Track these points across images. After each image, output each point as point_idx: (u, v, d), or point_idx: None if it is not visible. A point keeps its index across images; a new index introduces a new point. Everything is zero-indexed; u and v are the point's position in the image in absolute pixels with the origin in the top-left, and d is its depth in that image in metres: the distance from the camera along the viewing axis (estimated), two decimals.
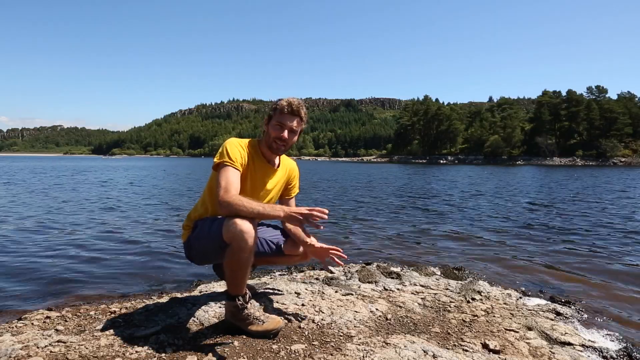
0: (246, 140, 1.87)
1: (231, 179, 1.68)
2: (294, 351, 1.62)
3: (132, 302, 2.28)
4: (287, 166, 2.05)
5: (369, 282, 2.69)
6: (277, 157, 1.97)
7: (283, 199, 2.10)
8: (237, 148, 1.79)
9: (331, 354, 1.59)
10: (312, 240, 1.96)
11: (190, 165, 43.64)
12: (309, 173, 23.78)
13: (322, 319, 1.96)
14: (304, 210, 1.61)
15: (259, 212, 1.62)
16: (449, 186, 13.93)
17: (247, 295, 1.75)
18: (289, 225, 1.97)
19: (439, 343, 1.79)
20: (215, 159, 1.77)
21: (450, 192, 11.63)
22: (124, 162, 52.19)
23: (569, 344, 1.88)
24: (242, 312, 1.72)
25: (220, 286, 2.52)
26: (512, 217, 6.59)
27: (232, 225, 1.58)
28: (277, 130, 1.83)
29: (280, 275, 2.94)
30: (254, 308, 1.79)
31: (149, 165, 38.88)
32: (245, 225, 1.58)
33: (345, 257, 1.94)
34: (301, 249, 2.00)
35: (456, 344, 1.79)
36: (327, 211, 1.62)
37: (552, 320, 2.17)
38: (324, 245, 1.94)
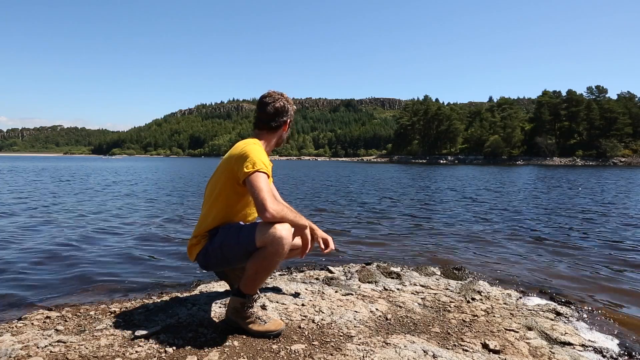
0: (258, 143, 1.85)
1: (269, 186, 1.72)
2: (294, 351, 1.62)
3: (132, 302, 2.28)
4: None
5: (369, 282, 2.69)
6: None
7: None
8: (264, 154, 1.80)
9: (331, 354, 1.60)
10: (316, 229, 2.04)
11: (191, 165, 43.60)
12: (309, 176, 23.73)
13: (322, 319, 1.96)
14: (308, 241, 1.80)
15: (297, 223, 1.71)
16: (449, 186, 13.92)
17: (257, 296, 1.78)
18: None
19: (439, 343, 1.79)
20: (245, 169, 1.67)
21: (451, 192, 11.63)
22: (125, 163, 52.15)
23: (569, 344, 1.88)
24: (247, 310, 1.74)
25: (220, 286, 2.52)
26: (513, 218, 6.59)
27: (271, 230, 1.61)
28: (287, 130, 1.99)
29: (280, 275, 2.94)
30: (256, 307, 1.81)
31: (150, 166, 38.87)
32: (284, 231, 1.61)
33: (328, 249, 2.02)
34: (299, 241, 1.97)
35: (456, 344, 1.79)
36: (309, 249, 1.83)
37: (552, 320, 2.16)
38: (324, 236, 2.03)
